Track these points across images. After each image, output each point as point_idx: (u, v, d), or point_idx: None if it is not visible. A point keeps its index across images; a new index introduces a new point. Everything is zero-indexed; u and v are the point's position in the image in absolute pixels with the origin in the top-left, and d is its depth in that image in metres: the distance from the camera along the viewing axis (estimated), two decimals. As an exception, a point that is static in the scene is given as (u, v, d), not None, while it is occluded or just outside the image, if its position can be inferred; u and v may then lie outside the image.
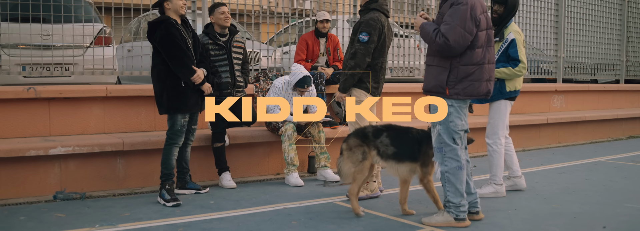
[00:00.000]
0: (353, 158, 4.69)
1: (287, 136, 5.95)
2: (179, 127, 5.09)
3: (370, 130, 4.76)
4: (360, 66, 5.20)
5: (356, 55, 5.18)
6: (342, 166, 4.75)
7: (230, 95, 5.73)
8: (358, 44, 5.17)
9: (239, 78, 5.88)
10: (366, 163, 4.70)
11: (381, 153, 4.66)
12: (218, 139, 5.81)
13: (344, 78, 5.25)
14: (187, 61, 4.97)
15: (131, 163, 5.76)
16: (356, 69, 5.22)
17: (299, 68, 6.07)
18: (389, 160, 4.66)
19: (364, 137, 4.73)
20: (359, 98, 5.32)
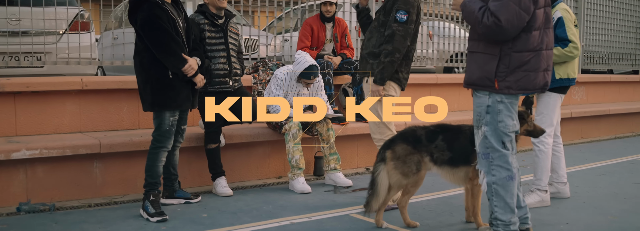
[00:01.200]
0: (404, 169, 3.91)
1: (291, 135, 5.14)
2: (167, 127, 4.27)
3: (422, 133, 3.97)
4: (399, 51, 4.40)
5: (394, 37, 4.38)
6: (382, 177, 3.94)
7: (223, 84, 4.92)
8: (396, 24, 4.37)
9: (235, 65, 5.07)
10: (422, 174, 3.96)
11: (435, 159, 3.91)
12: (212, 139, 5.00)
13: (381, 67, 4.44)
14: (175, 48, 4.15)
15: (110, 168, 4.95)
16: (395, 55, 4.41)
17: (304, 57, 5.26)
18: (443, 166, 3.92)
19: (416, 141, 3.95)
20: (389, 92, 4.55)
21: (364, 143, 6.34)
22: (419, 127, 4.05)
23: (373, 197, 3.97)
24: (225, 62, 4.92)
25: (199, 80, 4.33)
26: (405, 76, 4.61)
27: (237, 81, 5.08)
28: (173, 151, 4.53)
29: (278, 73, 5.28)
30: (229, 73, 4.95)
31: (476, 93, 3.48)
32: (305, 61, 5.20)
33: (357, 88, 6.26)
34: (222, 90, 4.94)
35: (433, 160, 3.94)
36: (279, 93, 5.25)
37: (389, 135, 4.56)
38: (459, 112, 7.83)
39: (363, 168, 6.34)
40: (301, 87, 5.34)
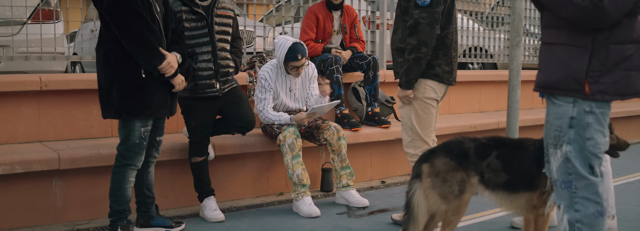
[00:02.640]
0: (443, 189, 3.02)
1: (287, 146, 4.24)
2: (137, 140, 3.35)
3: (470, 146, 3.07)
4: (426, 44, 3.52)
5: (418, 27, 3.50)
6: (419, 198, 3.06)
7: (208, 87, 4.01)
8: (417, 10, 3.49)
9: (229, 63, 4.15)
10: (466, 197, 3.05)
11: (486, 181, 3.02)
12: (197, 152, 4.09)
13: (405, 66, 3.56)
14: (151, 39, 3.24)
15: (73, 187, 4.03)
16: (421, 50, 3.52)
17: (284, 37, 4.42)
18: (497, 190, 3.03)
19: (462, 156, 3.05)
20: (426, 94, 3.66)
21: (378, 152, 5.43)
22: (467, 138, 3.15)
23: (410, 224, 3.09)
24: (210, 60, 4.00)
25: (179, 82, 3.42)
26: (446, 69, 3.71)
27: (227, 82, 4.15)
28: (146, 168, 3.61)
29: (261, 73, 4.40)
30: (214, 74, 4.03)
31: (554, 101, 2.57)
32: (286, 40, 4.33)
33: (370, 87, 5.35)
34: (206, 95, 4.03)
35: (483, 181, 3.05)
36: (266, 96, 4.35)
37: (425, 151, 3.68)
38: (480, 113, 6.94)
39: (377, 180, 5.44)
40: (291, 81, 4.44)
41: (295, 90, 4.51)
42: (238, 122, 4.11)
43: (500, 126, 6.27)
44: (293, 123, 4.29)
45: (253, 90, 5.06)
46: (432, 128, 3.79)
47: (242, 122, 4.12)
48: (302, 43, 4.37)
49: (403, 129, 3.78)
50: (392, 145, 5.49)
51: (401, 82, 3.60)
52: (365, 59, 5.37)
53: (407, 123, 3.72)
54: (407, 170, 5.70)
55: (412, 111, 3.68)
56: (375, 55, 5.43)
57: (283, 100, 4.45)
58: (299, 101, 4.57)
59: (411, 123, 3.70)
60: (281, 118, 4.30)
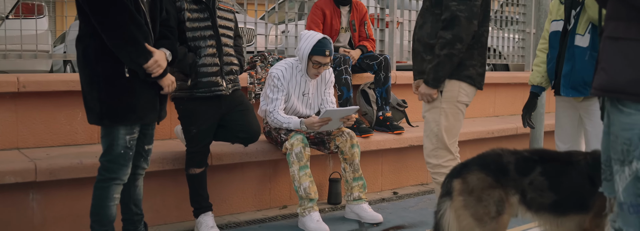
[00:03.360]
0: (478, 209, 2.59)
1: (294, 155, 3.80)
2: (122, 150, 2.91)
3: (510, 160, 2.63)
4: (462, 40, 3.10)
5: (455, 21, 3.08)
6: (449, 220, 2.62)
7: (213, 85, 3.57)
8: (454, 2, 3.07)
9: (234, 60, 3.72)
10: (504, 220, 2.61)
11: (528, 201, 2.58)
12: (197, 162, 3.65)
13: (435, 62, 3.14)
14: (136, 34, 2.80)
15: (52, 201, 3.59)
16: (456, 46, 3.10)
17: (312, 31, 4.07)
18: (542, 212, 2.60)
19: (500, 171, 2.61)
20: (459, 98, 3.25)
21: (389, 160, 5.00)
22: (506, 150, 2.71)
23: None
24: (215, 54, 3.56)
25: (168, 83, 2.98)
26: (480, 71, 3.29)
27: (233, 81, 3.72)
28: (133, 181, 3.16)
29: (273, 72, 3.95)
30: (220, 71, 3.60)
31: (621, 108, 2.12)
32: (315, 33, 3.95)
33: (381, 90, 4.92)
34: (213, 94, 3.59)
35: (525, 201, 2.62)
36: (278, 96, 3.92)
37: (450, 161, 3.24)
38: (495, 118, 6.51)
39: (389, 191, 5.00)
40: (306, 84, 4.00)
41: (309, 94, 4.07)
42: (242, 132, 3.69)
43: (519, 131, 5.84)
44: (302, 127, 3.85)
45: (254, 92, 4.63)
46: (458, 136, 3.36)
47: (247, 133, 3.69)
48: (330, 39, 3.97)
49: (426, 135, 3.34)
50: (404, 152, 5.06)
51: (428, 79, 3.17)
52: (376, 59, 4.94)
53: (432, 129, 3.29)
54: (421, 180, 5.26)
55: (442, 115, 3.25)
56: (387, 55, 5.00)
57: (294, 104, 4.02)
58: (312, 107, 4.14)
59: (438, 129, 3.26)
60: (291, 122, 3.86)
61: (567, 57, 3.41)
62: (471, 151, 4.52)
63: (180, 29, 3.44)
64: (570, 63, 3.39)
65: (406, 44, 6.28)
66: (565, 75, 3.42)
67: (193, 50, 3.50)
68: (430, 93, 3.19)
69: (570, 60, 3.39)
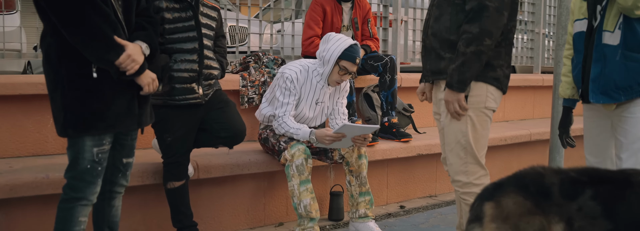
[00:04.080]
0: None
1: (295, 168, 3.35)
2: (89, 165, 2.45)
3: (554, 181, 2.16)
4: (492, 35, 2.70)
5: (483, 12, 2.67)
6: None
7: (188, 92, 3.13)
8: None
9: (214, 64, 3.27)
10: None
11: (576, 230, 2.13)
12: (175, 175, 3.20)
13: (460, 61, 2.71)
14: (102, 26, 2.34)
15: (14, 221, 3.13)
16: (484, 42, 2.68)
17: (341, 34, 3.60)
18: None
19: (541, 194, 2.15)
20: (487, 104, 2.83)
21: (395, 170, 4.56)
22: (549, 169, 2.25)
23: None
24: (195, 60, 3.12)
25: (148, 81, 2.52)
26: (507, 73, 2.86)
27: (210, 87, 3.28)
28: (110, 201, 2.70)
29: (287, 73, 3.49)
30: (197, 77, 3.15)
31: None
32: (346, 37, 3.52)
33: (387, 93, 4.48)
34: (187, 102, 3.15)
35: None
36: (290, 100, 3.48)
37: (483, 178, 2.81)
38: (505, 123, 6.08)
39: (395, 204, 4.56)
40: (321, 91, 3.56)
41: (322, 103, 3.64)
42: (223, 131, 3.23)
43: (533, 138, 5.43)
44: (312, 139, 3.40)
45: (247, 96, 4.19)
46: (486, 148, 2.91)
47: (228, 131, 3.24)
48: (360, 47, 3.59)
49: (450, 150, 2.89)
50: (411, 162, 4.62)
51: (451, 81, 2.72)
52: (381, 60, 4.50)
53: (459, 140, 2.84)
54: (429, 191, 4.82)
55: (469, 125, 2.81)
56: (393, 56, 4.56)
57: (303, 112, 3.59)
58: (322, 118, 3.71)
59: (466, 140, 2.82)
60: (300, 131, 3.42)
61: (595, 57, 2.95)
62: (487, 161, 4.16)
63: None
64: (600, 64, 2.94)
65: (410, 44, 5.85)
66: (594, 79, 2.97)
67: (168, 52, 3.05)
68: (457, 99, 2.74)
69: (599, 62, 2.94)
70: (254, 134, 4.32)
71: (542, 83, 6.33)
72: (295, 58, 4.95)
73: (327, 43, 3.51)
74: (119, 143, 2.61)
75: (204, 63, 3.14)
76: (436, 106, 3.02)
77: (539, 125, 5.75)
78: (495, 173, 5.39)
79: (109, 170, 2.59)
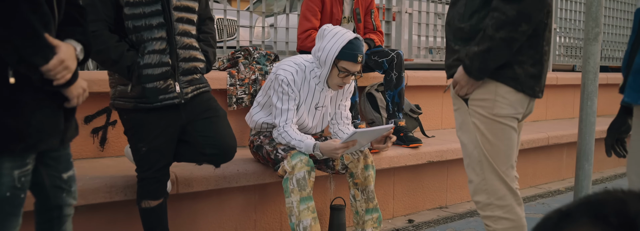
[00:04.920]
0: None
1: (295, 182, 2.84)
2: (8, 192, 1.86)
3: None
4: (530, 18, 2.23)
5: None
6: None
7: (163, 92, 2.60)
8: None
9: (196, 54, 2.72)
10: None
11: None
12: (152, 192, 2.67)
13: (485, 46, 2.20)
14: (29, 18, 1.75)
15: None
16: (519, 27, 2.20)
17: (339, 27, 3.03)
18: None
19: (625, 227, 1.64)
20: (495, 110, 2.34)
21: (403, 179, 4.06)
22: (631, 194, 1.73)
23: None
24: (165, 50, 2.58)
25: (77, 93, 1.94)
26: (532, 71, 2.33)
27: (192, 83, 2.71)
28: (59, 226, 2.17)
29: (281, 75, 2.97)
30: (171, 72, 2.61)
31: None
32: (345, 31, 2.96)
33: (393, 93, 3.99)
34: (161, 104, 2.62)
35: None
36: (290, 106, 2.98)
37: (507, 198, 2.32)
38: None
39: (402, 217, 4.06)
40: (321, 93, 3.06)
41: (322, 108, 3.14)
42: (210, 146, 2.70)
43: (551, 142, 4.95)
44: (317, 154, 2.90)
45: (235, 96, 3.68)
46: (512, 161, 2.41)
47: (216, 148, 2.70)
48: (363, 41, 3.04)
49: (467, 164, 2.39)
50: (420, 170, 4.13)
51: (470, 66, 2.22)
52: (386, 56, 4.00)
53: (471, 153, 2.35)
54: (439, 202, 4.33)
55: (477, 134, 2.32)
56: (400, 51, 4.07)
57: (302, 118, 3.09)
58: (323, 124, 3.21)
59: (479, 153, 2.32)
60: (303, 143, 2.91)
61: None
62: None
63: (118, 17, 2.50)
64: None
65: (415, 38, 5.36)
66: (637, 70, 2.24)
67: (135, 45, 2.54)
68: (468, 84, 2.26)
69: None
70: (243, 139, 3.81)
71: (556, 82, 5.85)
72: (290, 54, 4.45)
73: (321, 40, 2.98)
74: (49, 157, 2.03)
75: (180, 54, 2.62)
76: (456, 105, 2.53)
77: (555, 128, 5.27)
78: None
79: (50, 192, 2.06)
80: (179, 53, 2.61)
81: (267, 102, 3.09)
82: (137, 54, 2.55)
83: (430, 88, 4.86)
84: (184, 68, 2.64)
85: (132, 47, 2.56)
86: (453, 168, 4.34)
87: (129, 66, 2.52)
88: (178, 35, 2.61)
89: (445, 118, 5.08)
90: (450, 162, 4.24)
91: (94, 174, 2.86)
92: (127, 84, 2.59)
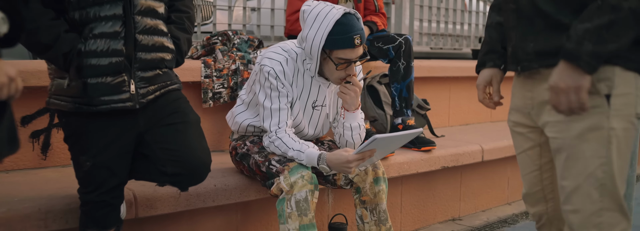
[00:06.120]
0: None
1: (294, 205, 2.18)
2: None
3: None
4: None
5: None
6: None
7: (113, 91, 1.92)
8: None
9: (163, 41, 2.03)
10: None
11: None
12: (97, 220, 2.00)
13: (607, 20, 1.53)
14: None
15: None
16: None
17: (322, 3, 2.30)
18: None
19: None
20: (634, 108, 1.69)
21: (411, 188, 3.43)
22: None
23: None
24: (117, 34, 1.90)
25: (1, 82, 1.22)
26: None
27: (153, 81, 2.02)
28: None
29: (267, 65, 2.29)
30: (124, 64, 1.93)
31: None
32: (330, 7, 2.25)
33: (400, 86, 3.35)
34: (109, 107, 1.93)
35: None
36: (282, 105, 2.32)
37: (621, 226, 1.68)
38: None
39: (411, 234, 3.44)
40: (320, 89, 2.40)
41: (322, 107, 2.48)
42: (172, 164, 2.00)
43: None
44: (322, 168, 2.25)
45: (212, 90, 3.01)
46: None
47: (180, 166, 2.01)
48: (357, 14, 2.31)
49: (575, 187, 1.67)
50: (431, 177, 3.50)
51: (578, 52, 1.54)
52: (393, 41, 3.35)
53: (594, 173, 1.67)
54: (452, 213, 3.71)
55: (613, 145, 1.66)
56: (408, 36, 3.42)
57: (298, 119, 2.44)
58: (324, 126, 2.55)
59: (606, 172, 1.67)
60: (303, 153, 2.25)
61: None
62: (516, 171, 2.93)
63: None
64: None
65: (417, 24, 4.72)
66: None
67: (78, 25, 1.88)
68: (578, 85, 1.58)
69: None
70: (222, 142, 3.15)
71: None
72: (276, 41, 3.79)
73: (303, 25, 2.29)
74: None
75: (139, 40, 1.94)
76: (524, 110, 1.87)
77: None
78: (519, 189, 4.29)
79: None
80: (138, 38, 1.94)
81: (253, 100, 2.43)
82: (79, 37, 1.88)
83: (436, 80, 4.23)
84: (144, 60, 1.96)
85: (73, 28, 1.89)
86: (466, 174, 3.72)
87: (65, 53, 1.85)
88: (138, 15, 1.94)
89: (453, 114, 4.45)
90: (464, 166, 3.62)
91: (27, 194, 2.18)
92: (65, 77, 1.92)
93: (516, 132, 1.93)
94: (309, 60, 2.30)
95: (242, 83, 3.09)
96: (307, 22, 2.25)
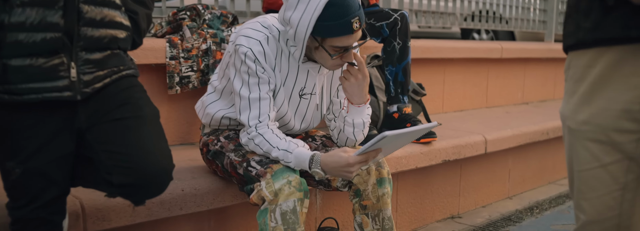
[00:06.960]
0: None
1: (280, 216, 1.76)
2: None
3: None
4: None
5: None
6: None
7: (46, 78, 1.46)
8: None
9: (114, 16, 1.57)
10: None
11: None
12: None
13: None
14: None
15: None
16: None
17: None
18: None
19: None
20: None
21: (408, 184, 3.04)
22: None
23: None
24: (55, 2, 1.44)
25: None
26: None
27: (102, 66, 1.56)
28: None
29: (244, 46, 1.83)
30: (62, 43, 1.47)
31: None
32: None
33: (395, 69, 2.94)
34: (41, 97, 1.47)
35: None
36: (263, 94, 1.88)
37: None
38: (525, 106, 4.65)
39: (407, 236, 3.06)
40: (308, 74, 1.97)
41: (310, 95, 2.04)
42: (119, 171, 1.55)
43: (578, 129, 3.98)
44: (316, 172, 1.82)
45: (179, 74, 2.57)
46: None
47: (128, 174, 1.55)
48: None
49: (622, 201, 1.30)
50: (429, 172, 3.12)
51: None
52: (387, 18, 2.93)
53: None
54: (451, 211, 3.34)
55: None
56: (405, 11, 2.99)
57: (283, 111, 2.00)
58: (313, 118, 2.12)
59: None
60: (291, 156, 1.83)
61: None
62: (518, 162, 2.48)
63: None
64: None
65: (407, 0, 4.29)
66: None
67: None
68: None
69: None
70: (190, 134, 2.72)
71: (568, 54, 4.90)
72: (253, 16, 3.33)
73: (286, 3, 1.83)
74: None
75: (84, 12, 1.49)
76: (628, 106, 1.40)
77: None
78: (529, 177, 3.92)
79: None
80: (82, 9, 1.49)
81: (227, 88, 1.99)
82: (2, 4, 1.43)
83: (430, 62, 3.84)
84: (90, 37, 1.51)
85: None
86: (467, 167, 3.35)
87: None
88: None
89: (447, 99, 4.07)
90: (464, 159, 3.24)
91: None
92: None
93: (593, 140, 1.39)
94: (294, 43, 1.86)
95: (214, 65, 2.65)
96: (290, 1, 1.80)
